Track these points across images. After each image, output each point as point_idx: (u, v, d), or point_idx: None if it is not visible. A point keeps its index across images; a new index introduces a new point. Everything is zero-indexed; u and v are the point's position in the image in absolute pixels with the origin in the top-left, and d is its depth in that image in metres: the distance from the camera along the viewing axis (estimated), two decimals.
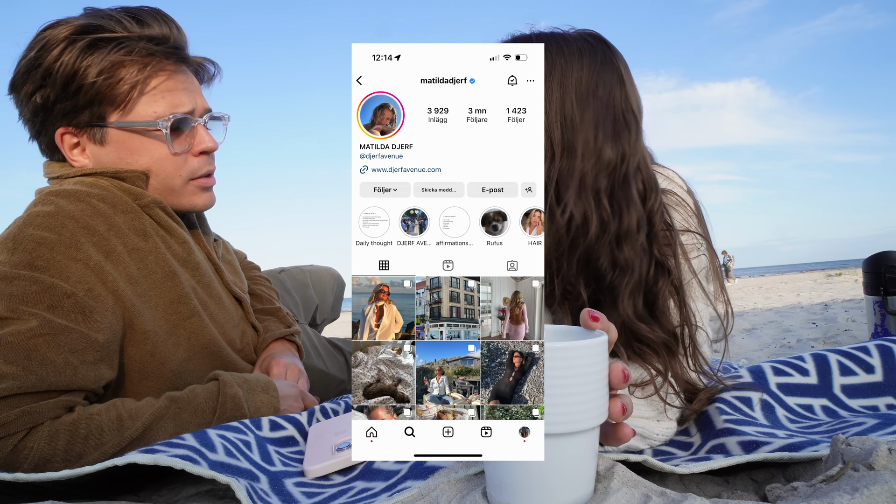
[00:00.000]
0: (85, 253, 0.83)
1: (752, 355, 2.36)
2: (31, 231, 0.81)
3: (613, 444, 0.54)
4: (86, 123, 0.93)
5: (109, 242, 0.86)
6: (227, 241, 1.28)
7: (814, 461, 0.62)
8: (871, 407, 0.83)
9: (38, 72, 0.89)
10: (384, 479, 0.65)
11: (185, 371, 0.93)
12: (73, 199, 0.87)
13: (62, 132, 0.94)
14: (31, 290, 0.77)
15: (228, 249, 1.25)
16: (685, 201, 0.85)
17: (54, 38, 0.89)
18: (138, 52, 0.91)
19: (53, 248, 0.81)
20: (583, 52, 0.80)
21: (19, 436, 0.72)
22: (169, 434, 0.79)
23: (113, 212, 0.89)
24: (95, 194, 0.89)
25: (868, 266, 1.89)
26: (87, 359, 0.79)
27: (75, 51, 0.89)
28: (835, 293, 6.33)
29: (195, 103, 0.98)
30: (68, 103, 0.91)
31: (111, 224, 0.88)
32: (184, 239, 0.98)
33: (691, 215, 0.85)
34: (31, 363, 0.74)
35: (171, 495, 0.70)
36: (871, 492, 0.44)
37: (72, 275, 0.80)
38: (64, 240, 0.82)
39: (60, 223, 0.83)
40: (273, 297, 1.28)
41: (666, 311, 0.77)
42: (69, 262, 0.81)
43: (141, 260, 0.90)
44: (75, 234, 0.83)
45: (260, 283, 1.31)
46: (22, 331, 0.75)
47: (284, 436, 0.83)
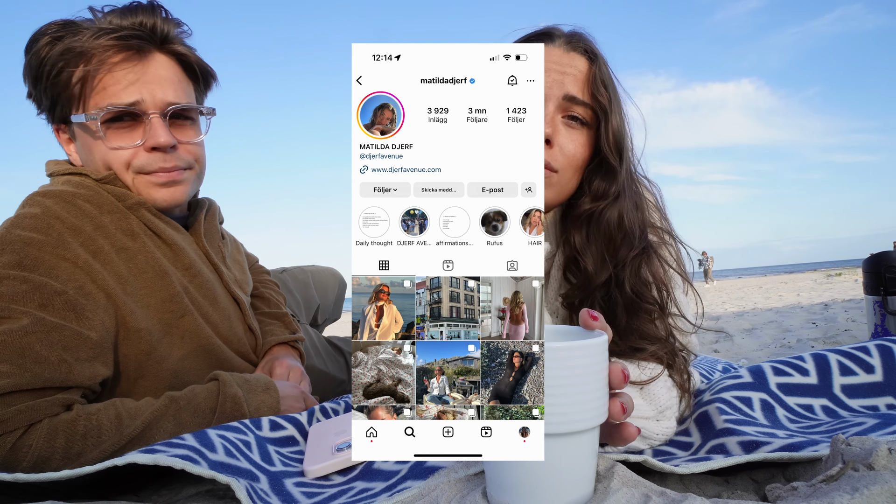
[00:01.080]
0: (73, 252, 0.83)
1: (752, 355, 2.36)
2: (19, 232, 0.81)
3: (619, 444, 0.54)
4: (59, 120, 0.96)
5: (96, 242, 0.86)
6: (241, 242, 1.28)
7: (814, 461, 0.62)
8: (871, 407, 0.83)
9: (26, 69, 0.93)
10: (384, 479, 0.65)
11: (182, 370, 0.93)
12: (59, 200, 0.87)
13: (55, 128, 0.97)
14: (21, 289, 0.77)
15: (238, 248, 1.24)
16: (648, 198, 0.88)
17: (34, 36, 0.91)
18: (87, 44, 0.88)
19: (41, 248, 0.81)
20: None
21: (17, 433, 0.72)
22: (168, 434, 0.79)
23: (99, 212, 0.89)
24: (82, 195, 0.89)
25: (868, 266, 1.89)
26: (81, 356, 0.79)
27: (44, 47, 0.90)
28: (835, 293, 6.33)
29: (146, 95, 0.91)
30: (45, 101, 0.94)
31: (97, 224, 0.88)
32: (172, 240, 0.97)
33: (654, 209, 0.88)
34: (26, 361, 0.74)
35: (171, 495, 0.70)
36: (871, 492, 0.44)
37: (61, 273, 0.80)
38: (51, 240, 0.82)
39: (47, 224, 0.83)
40: (280, 303, 1.28)
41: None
42: (58, 261, 0.81)
43: (130, 259, 0.90)
44: (62, 234, 0.83)
45: (269, 286, 1.31)
46: (14, 329, 0.75)
47: (284, 436, 0.83)
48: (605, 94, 0.79)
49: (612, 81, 0.82)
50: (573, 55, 0.82)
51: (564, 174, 0.81)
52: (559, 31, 0.85)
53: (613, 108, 0.80)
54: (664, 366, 0.77)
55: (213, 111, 1.03)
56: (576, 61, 0.81)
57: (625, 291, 0.78)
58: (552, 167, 0.79)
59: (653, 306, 0.79)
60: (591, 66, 0.81)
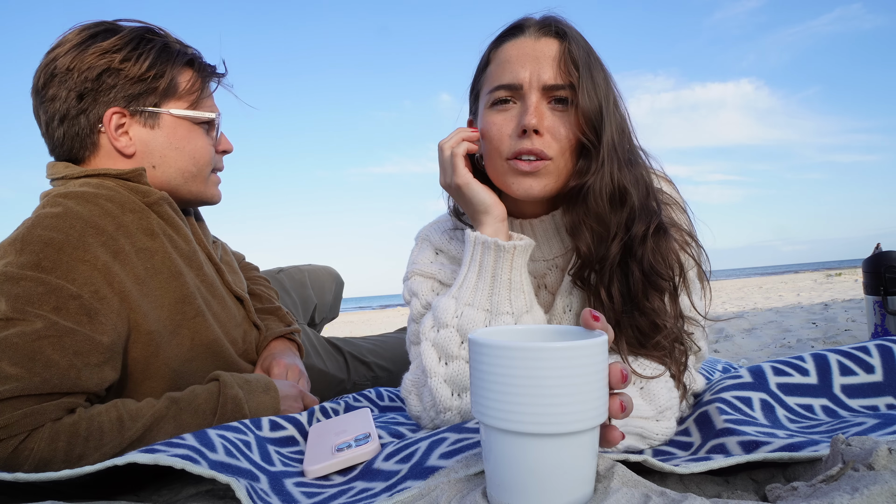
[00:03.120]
0: (92, 254, 0.83)
1: (752, 355, 2.36)
2: (40, 232, 0.81)
3: (604, 445, 0.54)
4: (143, 107, 0.98)
5: (118, 242, 0.87)
6: (225, 242, 1.28)
7: (814, 461, 0.62)
8: (871, 407, 0.83)
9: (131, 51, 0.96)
10: (384, 479, 0.65)
11: (186, 371, 0.93)
12: (81, 199, 0.87)
13: (113, 112, 0.95)
14: (37, 291, 0.77)
15: (227, 251, 1.25)
16: (680, 205, 0.87)
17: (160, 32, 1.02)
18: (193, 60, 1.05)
19: (61, 249, 0.81)
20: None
21: (20, 437, 0.72)
22: (169, 435, 0.79)
23: (121, 211, 0.90)
24: (103, 195, 0.90)
25: (868, 266, 1.89)
26: (92, 361, 0.79)
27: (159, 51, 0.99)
28: (835, 293, 6.33)
29: (219, 110, 1.09)
30: (138, 86, 0.96)
31: (119, 224, 0.89)
32: (189, 238, 0.99)
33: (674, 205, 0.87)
34: (36, 365, 0.74)
35: (171, 495, 0.70)
36: (871, 492, 0.44)
37: (78, 276, 0.81)
38: (72, 241, 0.82)
39: (69, 224, 0.83)
40: (273, 297, 1.28)
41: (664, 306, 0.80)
42: (76, 263, 0.81)
43: (148, 259, 0.90)
44: (83, 234, 0.83)
45: (259, 282, 1.31)
46: (27, 332, 0.75)
47: (284, 436, 0.83)
48: (575, 74, 0.78)
49: (584, 57, 0.80)
50: (544, 40, 0.81)
51: (560, 160, 0.80)
52: (530, 21, 0.85)
53: (583, 86, 0.78)
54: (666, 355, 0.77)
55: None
56: (548, 45, 0.80)
57: (640, 266, 0.78)
58: (546, 155, 0.79)
59: (667, 283, 0.79)
60: (561, 45, 0.80)
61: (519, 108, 0.81)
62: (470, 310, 0.80)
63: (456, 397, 0.80)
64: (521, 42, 0.82)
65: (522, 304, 0.80)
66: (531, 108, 0.78)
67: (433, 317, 0.83)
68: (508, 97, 0.81)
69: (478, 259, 0.81)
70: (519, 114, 0.80)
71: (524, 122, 0.78)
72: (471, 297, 0.81)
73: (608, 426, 0.53)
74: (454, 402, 0.80)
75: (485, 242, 0.80)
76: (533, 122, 0.78)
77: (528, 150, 0.79)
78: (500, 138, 0.82)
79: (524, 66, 0.80)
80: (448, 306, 0.81)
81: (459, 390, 0.80)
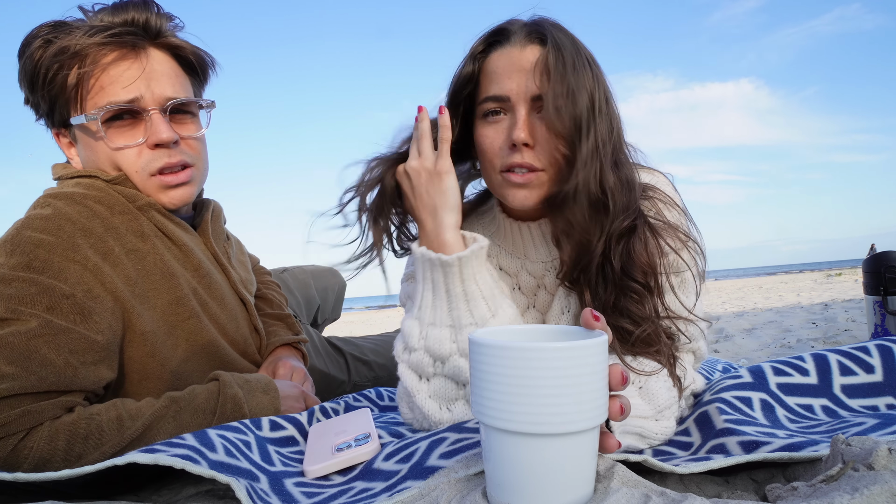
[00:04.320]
0: (83, 254, 0.82)
1: (752, 355, 2.36)
2: (29, 233, 0.81)
3: (600, 452, 0.54)
4: (59, 124, 0.95)
5: (107, 244, 0.86)
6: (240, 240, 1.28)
7: (814, 461, 0.62)
8: (871, 407, 0.83)
9: (20, 74, 0.92)
10: (384, 479, 0.65)
11: (184, 371, 0.93)
12: (70, 201, 0.87)
13: (55, 133, 0.96)
14: (30, 291, 0.77)
15: (242, 249, 1.25)
16: (674, 200, 0.86)
17: (26, 40, 0.90)
18: (81, 43, 0.87)
19: (51, 250, 0.81)
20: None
21: (19, 436, 0.72)
22: (169, 434, 0.79)
23: (110, 213, 0.89)
24: (93, 196, 0.89)
25: (868, 266, 1.89)
26: (87, 359, 0.79)
27: (37, 50, 0.89)
28: (835, 293, 6.33)
29: (144, 91, 0.91)
30: (43, 105, 0.93)
31: (108, 226, 0.88)
32: (182, 241, 0.97)
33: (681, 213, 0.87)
34: (32, 364, 0.74)
35: (171, 495, 0.70)
36: (871, 492, 0.44)
37: (70, 276, 0.80)
38: (61, 242, 0.82)
39: (58, 225, 0.83)
40: (283, 304, 1.29)
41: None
42: (67, 263, 0.81)
43: (139, 261, 0.89)
44: (73, 235, 0.83)
45: (271, 287, 1.32)
46: (22, 331, 0.75)
47: (284, 436, 0.83)
48: (547, 83, 0.76)
49: (562, 62, 0.77)
50: (529, 48, 0.80)
51: (551, 169, 0.80)
52: (516, 25, 0.83)
53: (553, 94, 0.75)
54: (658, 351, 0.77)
55: (213, 104, 1.03)
56: (533, 54, 0.79)
57: (612, 267, 0.77)
58: (536, 167, 0.79)
59: (639, 286, 0.77)
60: (542, 52, 0.79)
61: (509, 119, 0.81)
62: (433, 329, 0.80)
63: (445, 410, 0.80)
64: (507, 52, 0.81)
65: (484, 311, 0.79)
66: (520, 122, 0.78)
67: (402, 340, 0.83)
68: (498, 108, 0.81)
69: (429, 277, 0.81)
70: (509, 126, 0.80)
71: (513, 136, 0.78)
72: (431, 317, 0.80)
73: (605, 433, 0.53)
74: (444, 415, 0.80)
75: (431, 259, 0.79)
76: (521, 136, 0.78)
77: (519, 164, 0.79)
78: (493, 151, 0.82)
79: (511, 77, 0.80)
80: (413, 329, 0.81)
81: (447, 402, 0.80)
